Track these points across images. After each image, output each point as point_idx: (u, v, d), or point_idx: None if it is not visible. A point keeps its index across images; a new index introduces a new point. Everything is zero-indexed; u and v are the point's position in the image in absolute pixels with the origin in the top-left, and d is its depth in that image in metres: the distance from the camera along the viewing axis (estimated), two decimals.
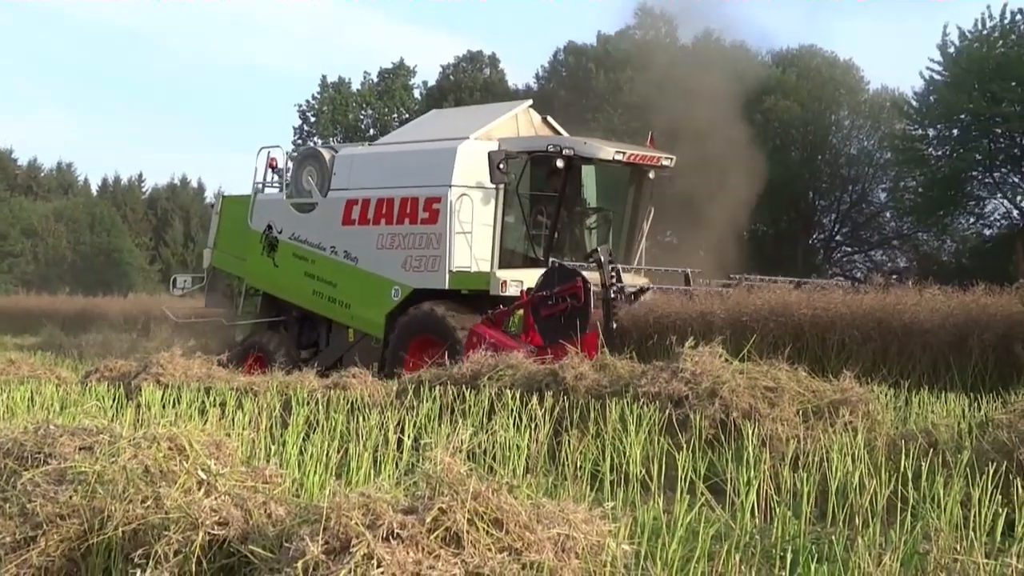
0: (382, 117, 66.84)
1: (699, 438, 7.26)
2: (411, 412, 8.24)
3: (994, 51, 37.99)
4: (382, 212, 14.77)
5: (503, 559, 3.33)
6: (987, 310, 12.79)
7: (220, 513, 3.64)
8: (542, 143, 14.33)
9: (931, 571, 3.95)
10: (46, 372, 12.83)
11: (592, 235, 15.40)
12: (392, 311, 14.32)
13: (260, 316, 16.89)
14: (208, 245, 18.27)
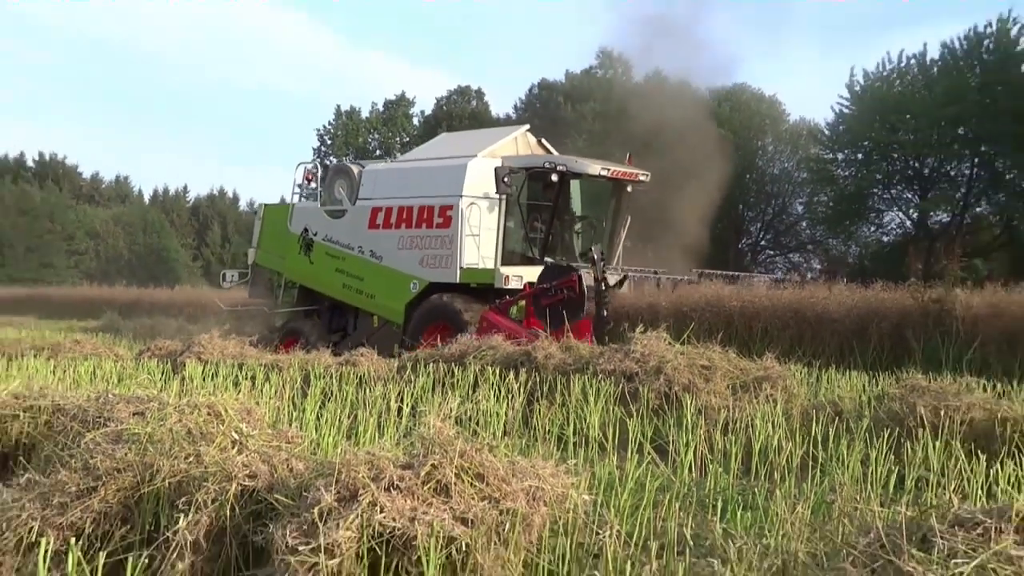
0: (386, 140, 66.68)
1: (647, 407, 7.28)
2: (409, 385, 8.24)
3: (892, 89, 38.22)
4: (403, 218, 14.76)
5: (484, 506, 3.34)
6: (884, 303, 12.88)
7: (250, 468, 3.64)
8: (539, 160, 14.34)
9: (836, 518, 3.96)
10: (106, 350, 12.76)
11: (579, 239, 15.36)
12: (411, 301, 14.31)
13: (297, 305, 16.88)
14: (252, 245, 18.21)
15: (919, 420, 6.47)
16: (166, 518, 3.52)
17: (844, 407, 7.51)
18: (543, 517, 3.49)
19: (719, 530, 3.97)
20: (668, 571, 3.32)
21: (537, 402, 7.65)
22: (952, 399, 6.85)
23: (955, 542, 2.74)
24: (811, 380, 9.44)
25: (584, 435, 6.38)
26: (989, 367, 10.69)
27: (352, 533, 3.11)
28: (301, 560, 3.04)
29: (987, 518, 2.85)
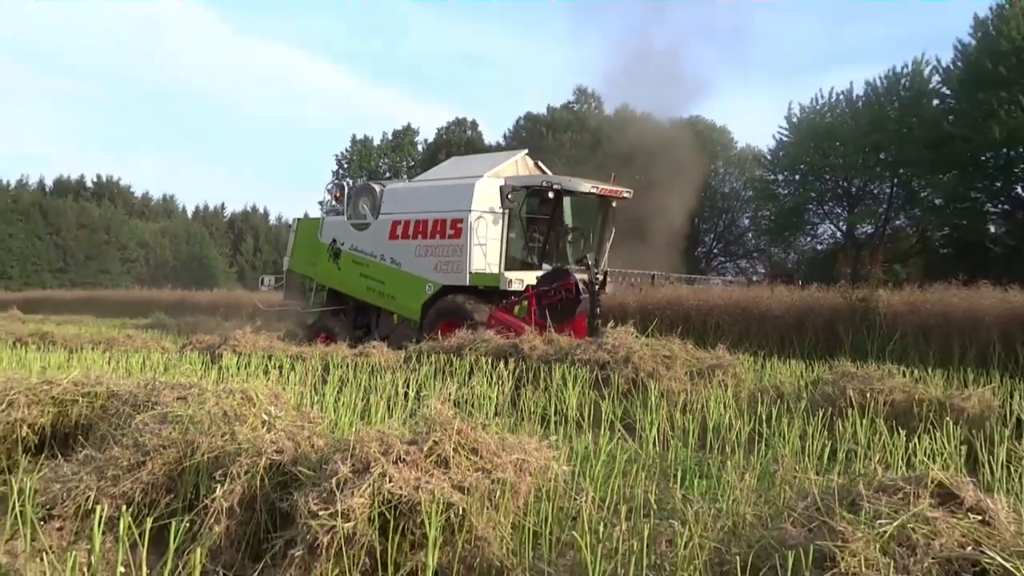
0: (395, 164, 66.60)
1: (617, 391, 7.27)
2: (415, 373, 8.20)
3: (824, 120, 38.41)
4: (419, 230, 14.73)
5: (478, 476, 3.32)
6: (818, 302, 12.89)
7: (277, 444, 3.61)
8: (537, 180, 14.32)
9: (778, 485, 3.96)
10: (154, 344, 12.69)
11: (571, 247, 15.30)
12: (426, 301, 14.28)
13: (326, 306, 16.69)
14: (287, 254, 18.11)
15: (849, 401, 6.47)
16: (205, 488, 3.50)
17: (785, 390, 7.52)
18: (528, 485, 3.48)
19: (679, 496, 3.96)
20: (635, 531, 3.31)
21: (523, 387, 7.63)
22: (876, 383, 6.87)
23: (879, 505, 2.74)
24: (757, 367, 9.45)
25: (564, 415, 6.37)
26: (907, 355, 10.70)
27: (365, 500, 3.09)
28: (321, 523, 3.02)
29: (907, 485, 2.85)
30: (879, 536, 2.57)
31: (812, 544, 2.61)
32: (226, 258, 75.54)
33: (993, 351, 10.08)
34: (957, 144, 31.37)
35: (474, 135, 61.26)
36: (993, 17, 32.84)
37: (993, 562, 2.40)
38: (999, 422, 5.93)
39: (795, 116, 39.46)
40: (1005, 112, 29.91)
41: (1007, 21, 31.73)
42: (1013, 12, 31.88)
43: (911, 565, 2.48)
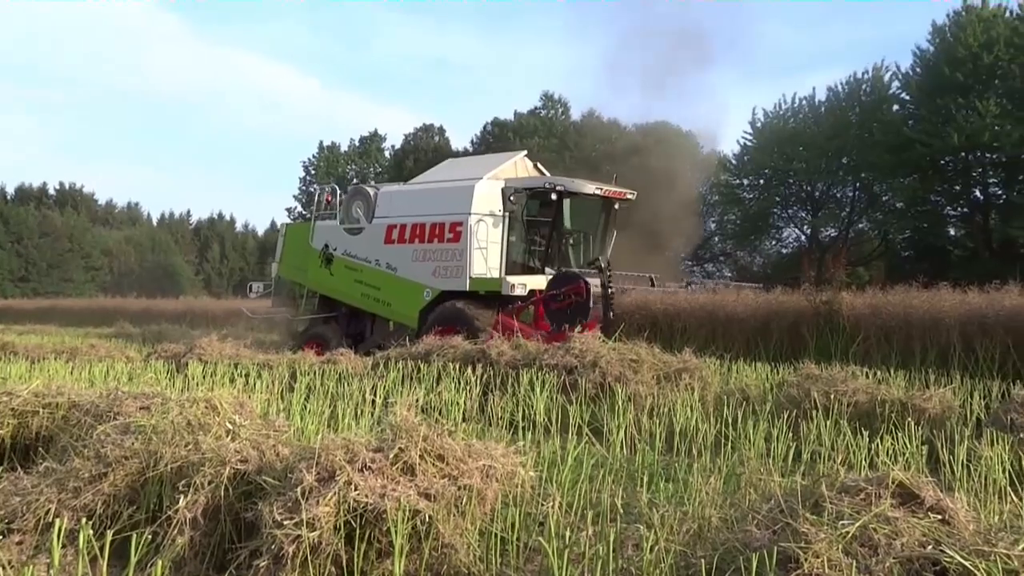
0: (362, 171, 66.35)
1: (584, 396, 7.27)
2: (382, 379, 8.16)
3: (788, 125, 38.80)
4: (416, 234, 14.40)
5: (444, 483, 3.31)
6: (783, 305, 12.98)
7: (242, 453, 3.58)
8: (540, 181, 14.02)
9: (743, 487, 3.98)
10: (118, 353, 12.50)
11: (573, 251, 14.95)
12: (424, 308, 13.93)
13: (317, 313, 16.32)
14: (275, 260, 17.65)
15: (813, 403, 6.53)
16: (168, 499, 3.45)
17: (750, 393, 7.57)
18: (495, 491, 3.47)
19: (645, 500, 3.97)
20: (602, 535, 3.31)
21: (491, 392, 7.62)
22: (840, 385, 6.94)
23: (842, 506, 2.76)
24: (723, 371, 9.48)
25: (531, 420, 6.36)
26: (870, 357, 10.81)
27: (330, 508, 3.07)
28: (286, 533, 3.00)
29: (868, 485, 2.87)
30: (841, 537, 2.59)
31: (776, 546, 2.62)
32: (192, 266, 74.82)
33: (953, 352, 10.22)
34: (917, 149, 31.81)
35: (441, 141, 61.20)
36: (950, 24, 33.37)
37: (953, 561, 2.42)
38: (959, 422, 6.01)
39: (759, 121, 39.84)
40: (963, 117, 30.39)
41: (964, 28, 32.24)
42: (969, 19, 32.41)
43: (873, 565, 2.50)
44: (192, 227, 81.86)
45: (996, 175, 32.81)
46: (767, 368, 9.65)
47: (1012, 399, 6.08)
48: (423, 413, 6.01)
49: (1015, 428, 5.56)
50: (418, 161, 57.23)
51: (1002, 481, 4.34)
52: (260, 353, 11.66)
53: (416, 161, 57.51)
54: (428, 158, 56.62)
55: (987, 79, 31.09)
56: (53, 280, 65.02)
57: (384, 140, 68.27)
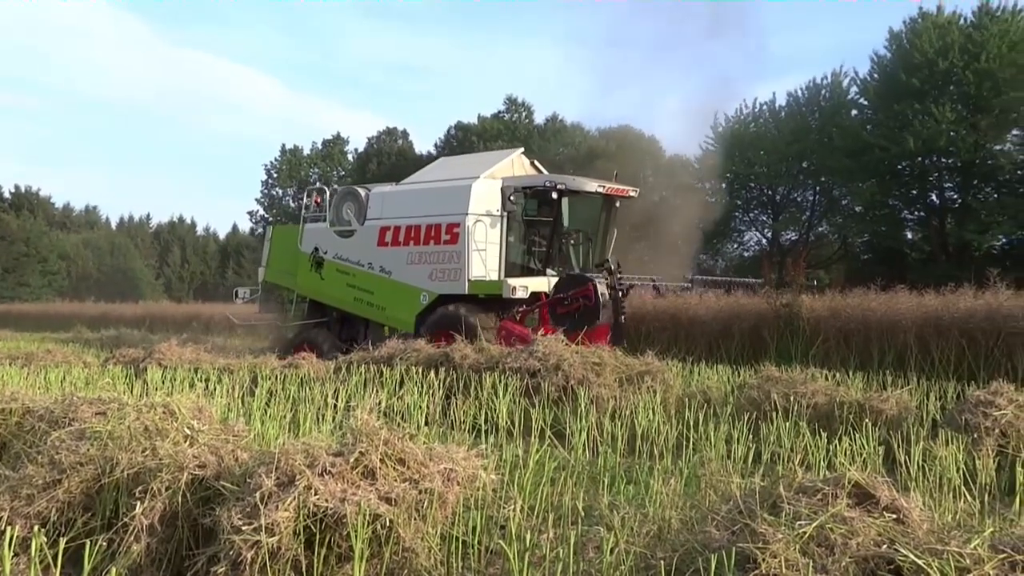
0: (325, 173, 65.99)
1: (547, 399, 7.29)
2: (344, 384, 8.12)
3: (748, 130, 39.24)
4: (410, 236, 13.95)
5: (405, 487, 3.30)
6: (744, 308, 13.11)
7: (200, 459, 3.54)
8: (540, 180, 13.60)
9: (703, 488, 4.01)
10: (75, 358, 12.28)
11: (573, 252, 14.43)
12: (420, 312, 13.50)
13: (307, 318, 15.69)
14: (261, 264, 17.00)
15: (773, 405, 6.60)
16: (124, 505, 3.40)
17: (712, 395, 7.64)
18: (456, 495, 3.46)
19: (606, 502, 3.98)
20: (563, 538, 3.32)
21: (454, 396, 7.61)
22: (800, 387, 7.02)
23: (800, 507, 2.79)
24: (685, 373, 9.54)
25: (494, 423, 6.36)
26: (829, 359, 10.95)
27: (290, 513, 3.05)
28: (244, 538, 2.97)
29: (826, 486, 2.91)
30: (799, 537, 2.62)
31: (735, 546, 2.64)
32: (152, 270, 73.90)
33: (910, 354, 10.38)
34: (875, 153, 32.32)
35: (405, 144, 61.08)
36: (907, 31, 33.96)
37: (907, 560, 2.46)
38: (916, 422, 6.10)
39: (721, 126, 40.26)
40: (919, 122, 30.92)
41: (920, 35, 32.83)
42: (925, 26, 33.00)
43: (829, 565, 2.53)
44: (152, 231, 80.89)
45: (952, 179, 33.42)
46: (728, 370, 9.74)
47: (966, 400, 6.18)
48: (385, 417, 5.99)
49: (969, 428, 5.66)
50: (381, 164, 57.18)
51: (956, 481, 4.42)
52: (221, 358, 11.54)
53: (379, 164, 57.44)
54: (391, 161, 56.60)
55: (942, 85, 31.69)
56: (9, 285, 63.79)
57: (347, 143, 68.06)
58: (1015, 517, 3.86)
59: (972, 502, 4.15)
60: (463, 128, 53.87)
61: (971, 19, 32.89)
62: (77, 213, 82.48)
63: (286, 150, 66.65)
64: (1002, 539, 2.59)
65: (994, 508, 4.24)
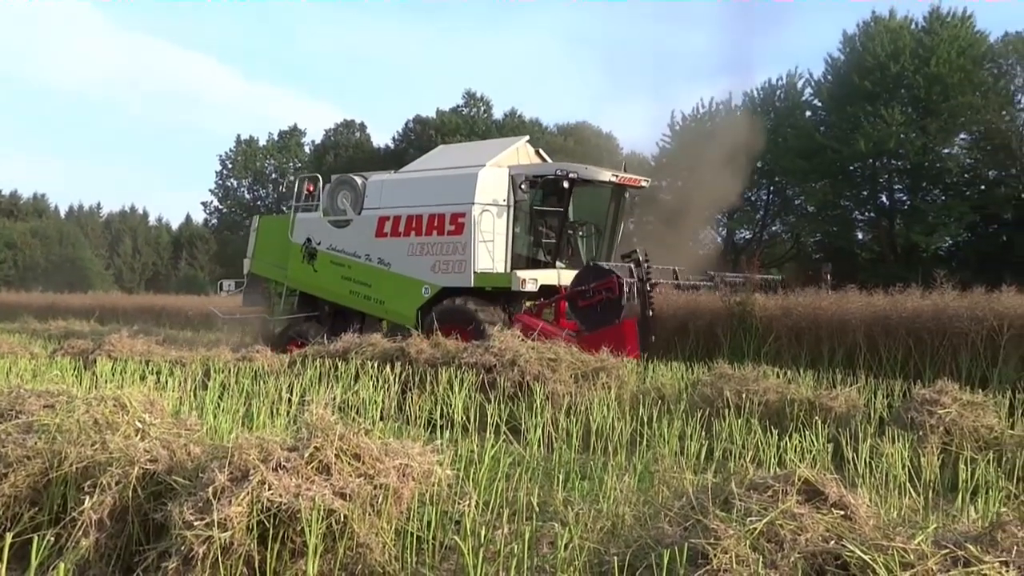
0: (281, 165, 65.34)
1: (503, 394, 7.30)
2: (299, 378, 8.05)
3: (704, 127, 39.63)
4: (412, 226, 13.40)
5: (360, 482, 3.29)
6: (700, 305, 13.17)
7: (151, 453, 3.49)
8: (551, 168, 13.17)
9: (657, 485, 4.05)
10: (21, 350, 12.02)
11: (583, 243, 14.13)
12: (422, 306, 12.99)
13: (297, 312, 15.13)
14: (247, 256, 16.31)
15: (726, 402, 6.68)
16: (73, 500, 3.35)
17: (666, 392, 7.70)
18: (411, 490, 3.46)
19: (561, 498, 4.01)
20: (518, 534, 3.33)
21: (410, 391, 7.59)
22: (752, 384, 7.11)
23: (750, 503, 2.83)
24: (640, 370, 9.59)
25: (450, 419, 6.36)
26: (781, 357, 11.08)
27: (243, 508, 3.02)
28: (196, 534, 2.94)
29: (776, 483, 2.95)
30: (749, 533, 2.66)
31: (687, 542, 2.68)
32: (102, 260, 72.56)
33: (859, 352, 10.55)
34: (828, 154, 32.84)
35: (362, 137, 60.71)
36: (860, 34, 34.53)
37: (853, 555, 2.51)
38: (864, 420, 6.21)
39: (678, 124, 40.62)
40: (870, 125, 31.47)
41: (872, 38, 33.41)
42: (878, 30, 33.59)
43: (779, 560, 2.58)
44: (103, 220, 79.41)
45: (901, 182, 34.09)
46: (683, 367, 9.82)
47: (912, 398, 6.31)
48: (340, 412, 5.96)
49: (915, 426, 5.79)
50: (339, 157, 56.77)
51: (902, 477, 4.51)
52: (173, 350, 11.39)
53: (337, 157, 57.03)
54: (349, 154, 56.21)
55: (893, 88, 32.27)
56: None
57: (304, 135, 67.35)
58: (957, 513, 3.95)
59: (917, 498, 4.25)
60: (421, 122, 53.66)
61: (922, 24, 33.56)
62: (25, 201, 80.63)
63: (241, 141, 65.86)
64: (945, 535, 2.66)
65: (938, 504, 4.34)
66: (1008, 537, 2.56)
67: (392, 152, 51.32)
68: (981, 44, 32.58)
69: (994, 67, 32.30)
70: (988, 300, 10.07)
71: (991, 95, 31.21)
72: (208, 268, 67.88)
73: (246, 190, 65.68)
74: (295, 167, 64.72)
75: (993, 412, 6.12)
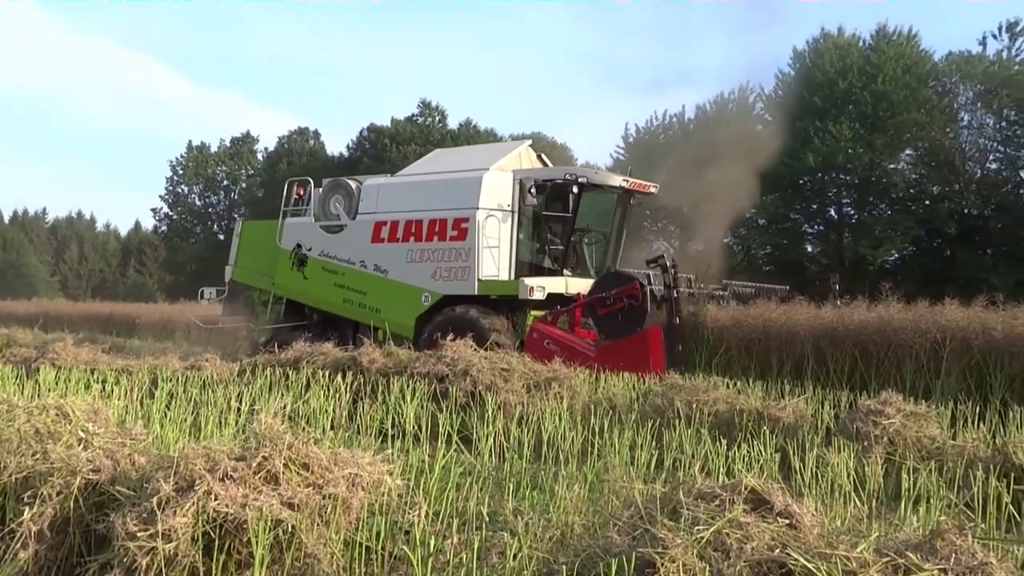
0: (233, 172, 64.60)
1: (455, 404, 7.28)
2: (249, 387, 7.96)
3: (658, 140, 40.06)
4: (411, 231, 12.88)
5: (309, 492, 3.26)
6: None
7: (94, 463, 3.44)
8: (559, 172, 12.79)
9: (607, 494, 4.07)
10: None
11: (589, 250, 13.70)
12: (421, 315, 12.49)
13: (284, 321, 14.45)
14: (229, 263, 15.65)
15: (676, 412, 6.74)
16: (12, 511, 3.28)
17: (617, 402, 7.75)
18: (361, 500, 3.44)
19: (511, 507, 4.01)
20: (467, 543, 3.32)
21: (361, 400, 7.54)
22: (702, 394, 7.19)
23: (698, 512, 2.86)
24: (592, 380, 9.62)
25: (402, 428, 6.33)
26: (731, 368, 11.19)
27: (188, 519, 2.98)
28: (140, 545, 2.90)
29: (723, 492, 2.99)
30: (696, 542, 2.68)
31: (635, 551, 2.69)
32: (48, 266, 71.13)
33: (807, 363, 10.71)
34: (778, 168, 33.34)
35: (316, 145, 60.32)
36: (810, 51, 35.18)
37: (797, 564, 2.54)
38: (811, 430, 6.31)
39: (631, 136, 40.99)
40: (819, 139, 32.05)
41: (821, 55, 34.08)
42: (827, 46, 34.25)
43: (725, 569, 2.60)
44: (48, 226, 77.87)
45: (849, 196, 34.72)
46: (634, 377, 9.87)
47: (858, 409, 6.43)
48: (290, 421, 5.90)
49: (860, 436, 5.89)
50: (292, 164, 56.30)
51: (847, 486, 4.58)
52: (120, 358, 11.19)
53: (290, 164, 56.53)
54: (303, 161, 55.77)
55: (842, 104, 32.92)
56: None
57: (257, 142, 66.66)
58: (899, 522, 4.03)
59: (861, 507, 4.31)
60: (376, 130, 53.48)
61: (869, 42, 34.29)
62: None
63: (193, 147, 65.00)
64: (886, 543, 2.71)
65: (881, 513, 4.42)
66: (947, 545, 2.62)
67: (346, 160, 51.06)
68: (926, 63, 33.36)
69: (938, 85, 33.07)
70: (932, 313, 10.29)
71: (935, 112, 31.94)
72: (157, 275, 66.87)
73: (197, 197, 64.81)
74: (247, 174, 64.09)
75: (935, 423, 6.26)
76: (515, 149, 13.89)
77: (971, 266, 30.07)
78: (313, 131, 61.55)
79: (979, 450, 5.67)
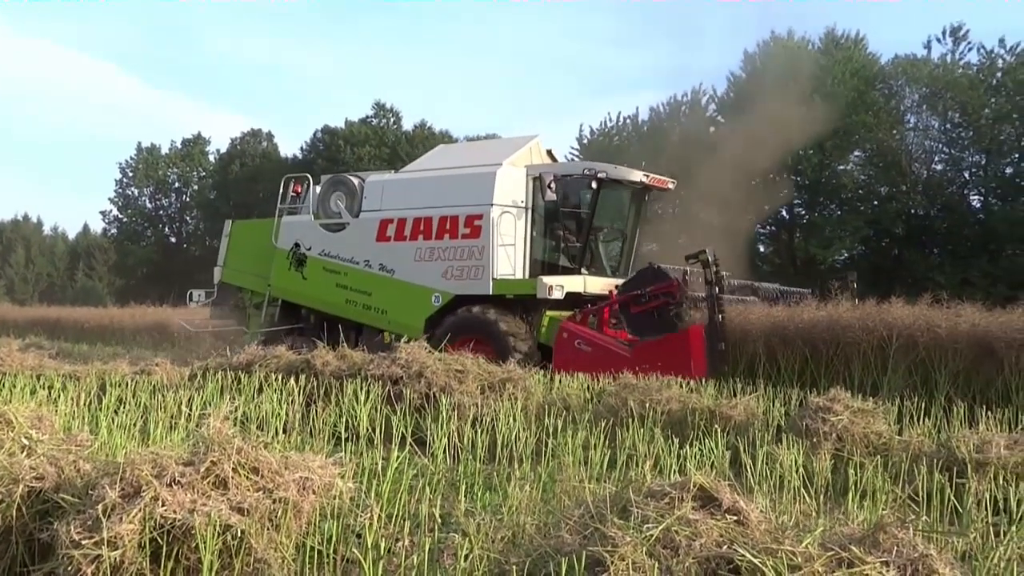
0: (185, 174, 63.71)
1: (409, 406, 7.26)
2: (199, 391, 7.85)
3: (612, 142, 40.32)
4: (419, 229, 12.42)
5: (259, 496, 3.23)
6: None
7: (38, 470, 3.37)
8: (577, 168, 12.52)
9: (559, 494, 4.09)
10: None
11: (605, 247, 13.27)
12: (431, 316, 12.08)
13: (279, 323, 13.91)
14: (218, 264, 15.16)
15: (630, 411, 6.79)
16: None
17: (571, 403, 7.78)
18: (312, 504, 3.41)
19: (463, 509, 4.01)
20: (419, 545, 3.32)
21: (315, 403, 7.48)
22: (655, 394, 7.24)
23: (648, 510, 2.88)
24: (546, 380, 9.65)
25: (355, 431, 6.30)
26: None
27: (134, 526, 2.94)
28: (84, 553, 2.85)
29: (673, 490, 3.02)
30: (646, 539, 2.71)
31: (585, 550, 2.71)
32: None
33: (759, 362, 10.85)
34: None
35: (269, 146, 59.77)
36: (760, 53, 35.67)
37: (744, 559, 2.58)
38: (761, 427, 6.40)
39: (586, 138, 41.21)
40: None
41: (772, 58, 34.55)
42: (776, 49, 34.74)
43: (674, 566, 2.63)
44: None
45: (800, 196, 35.21)
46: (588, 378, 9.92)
47: (807, 406, 6.53)
48: (241, 425, 5.84)
49: (809, 433, 5.99)
50: (244, 166, 55.82)
51: (796, 482, 4.65)
52: (67, 364, 10.98)
53: (243, 166, 56.05)
54: (256, 164, 55.29)
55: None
56: None
57: (209, 143, 65.82)
58: (845, 516, 4.10)
59: (810, 502, 4.38)
60: (330, 132, 53.15)
61: (819, 45, 34.84)
62: None
63: (142, 149, 64.01)
64: (831, 537, 2.76)
65: (829, 508, 4.49)
66: (889, 538, 2.67)
67: (300, 161, 50.63)
68: (873, 66, 33.99)
69: (885, 88, 33.70)
70: (879, 311, 10.49)
71: (882, 114, 32.54)
72: (107, 279, 65.74)
73: (148, 199, 63.84)
74: (199, 176, 63.27)
75: (882, 419, 6.37)
76: (526, 144, 13.50)
77: (918, 265, 30.68)
78: (266, 132, 61.01)
79: (924, 445, 5.79)
